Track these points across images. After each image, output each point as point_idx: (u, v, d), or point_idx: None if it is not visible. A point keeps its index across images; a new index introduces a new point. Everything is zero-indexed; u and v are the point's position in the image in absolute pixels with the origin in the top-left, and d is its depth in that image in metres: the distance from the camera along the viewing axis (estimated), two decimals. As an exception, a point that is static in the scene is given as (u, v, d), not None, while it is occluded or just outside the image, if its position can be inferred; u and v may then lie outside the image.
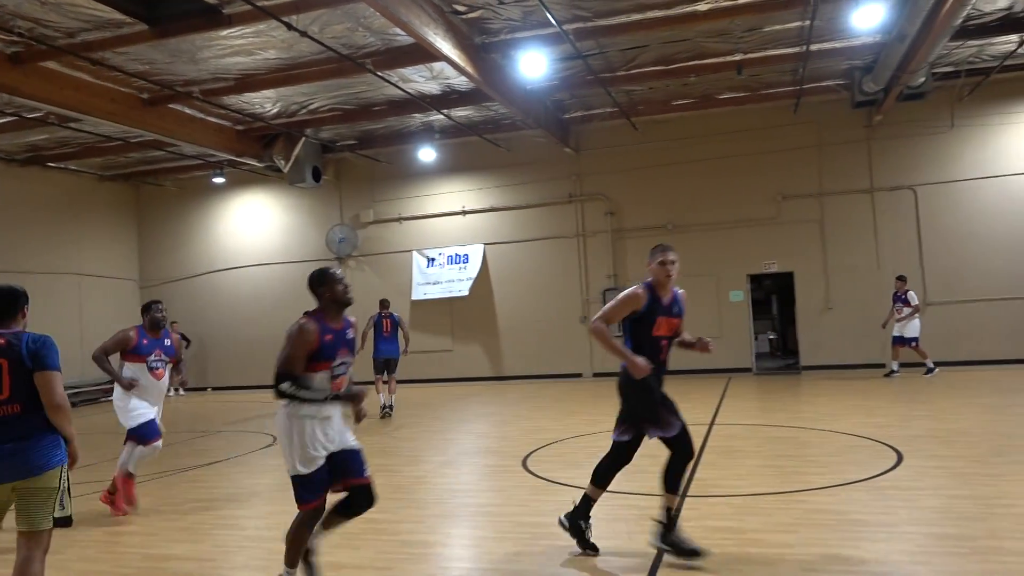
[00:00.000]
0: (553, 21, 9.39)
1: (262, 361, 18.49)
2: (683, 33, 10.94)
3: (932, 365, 12.90)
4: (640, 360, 4.42)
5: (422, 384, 16.78)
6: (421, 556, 4.91)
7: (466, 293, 16.73)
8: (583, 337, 16.03)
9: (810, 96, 14.16)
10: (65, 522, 3.99)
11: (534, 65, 11.09)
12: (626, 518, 5.38)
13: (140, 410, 6.24)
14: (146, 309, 6.36)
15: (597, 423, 9.77)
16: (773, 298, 19.13)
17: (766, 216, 15.21)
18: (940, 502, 5.33)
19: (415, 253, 17.43)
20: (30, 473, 3.49)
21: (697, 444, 7.90)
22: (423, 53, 9.94)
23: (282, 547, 4.06)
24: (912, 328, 12.94)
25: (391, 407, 11.75)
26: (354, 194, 18.00)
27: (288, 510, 4.21)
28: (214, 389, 18.69)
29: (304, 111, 13.88)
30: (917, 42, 10.29)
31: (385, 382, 11.86)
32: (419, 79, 12.35)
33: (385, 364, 11.85)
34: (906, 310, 12.92)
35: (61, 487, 3.59)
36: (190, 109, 13.11)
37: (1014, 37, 11.33)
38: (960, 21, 9.59)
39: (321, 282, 4.19)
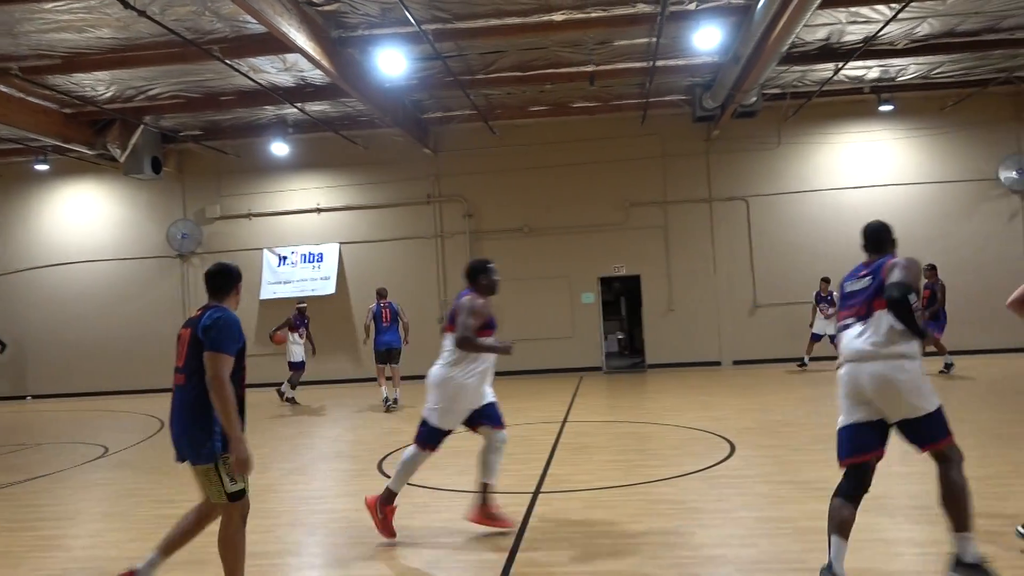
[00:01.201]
0: (412, 20, 9.33)
1: (92, 365, 17.30)
2: (540, 41, 11.24)
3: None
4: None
5: (273, 387, 16.09)
6: (270, 568, 4.71)
7: (322, 293, 16.27)
8: (439, 339, 16.04)
9: (656, 109, 14.99)
10: None
11: (392, 63, 10.97)
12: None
13: None
14: None
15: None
16: (622, 300, 20.04)
17: (615, 221, 15.92)
18: (767, 488, 5.80)
19: (266, 251, 16.70)
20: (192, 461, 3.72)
21: (550, 442, 8.17)
22: (276, 43, 9.55)
23: (113, 568, 3.74)
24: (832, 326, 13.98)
25: (395, 400, 11.38)
26: (199, 188, 16.98)
27: (130, 527, 3.89)
28: (34, 397, 16.97)
29: (143, 96, 12.90)
30: (750, 64, 11.17)
31: (388, 377, 11.65)
32: (271, 70, 11.86)
33: (387, 354, 11.56)
34: (831, 310, 13.85)
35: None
36: (7, 88, 11.80)
37: (830, 65, 12.57)
38: (786, 48, 10.52)
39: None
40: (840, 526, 3.62)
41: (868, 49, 11.71)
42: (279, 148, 15.62)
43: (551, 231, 16.07)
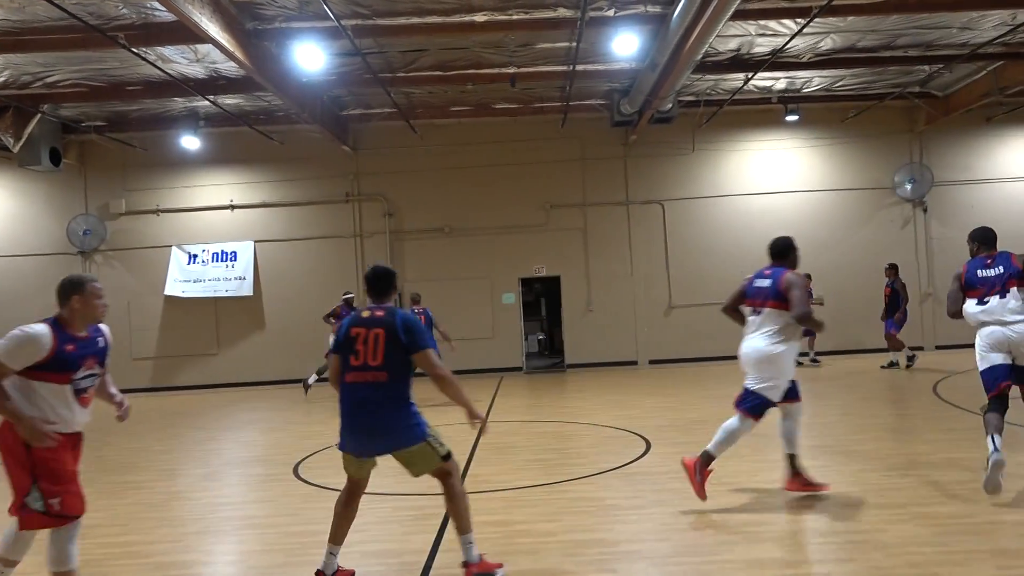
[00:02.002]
0: (331, 15, 9.15)
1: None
2: (461, 41, 11.22)
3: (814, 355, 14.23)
4: None
5: (180, 391, 15.48)
6: (177, 578, 4.53)
7: (237, 293, 15.78)
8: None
9: (576, 113, 15.21)
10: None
11: (311, 58, 10.73)
12: (400, 519, 5.39)
13: None
14: None
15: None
16: (542, 300, 20.24)
17: (536, 223, 16.07)
18: (680, 484, 5.95)
19: (174, 249, 16.03)
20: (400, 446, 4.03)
21: (470, 442, 8.17)
22: (186, 32, 9.16)
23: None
24: None
25: None
26: (102, 181, 16.14)
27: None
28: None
29: (40, 83, 12.15)
30: (666, 72, 11.49)
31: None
32: (182, 60, 11.39)
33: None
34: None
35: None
36: None
37: (741, 75, 13.07)
38: (700, 57, 10.87)
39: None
40: (997, 428, 5.16)
41: (776, 61, 12.24)
42: (190, 142, 14.98)
43: (472, 232, 16.08)
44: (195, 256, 16.02)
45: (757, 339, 5.26)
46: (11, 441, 3.54)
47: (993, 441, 5.05)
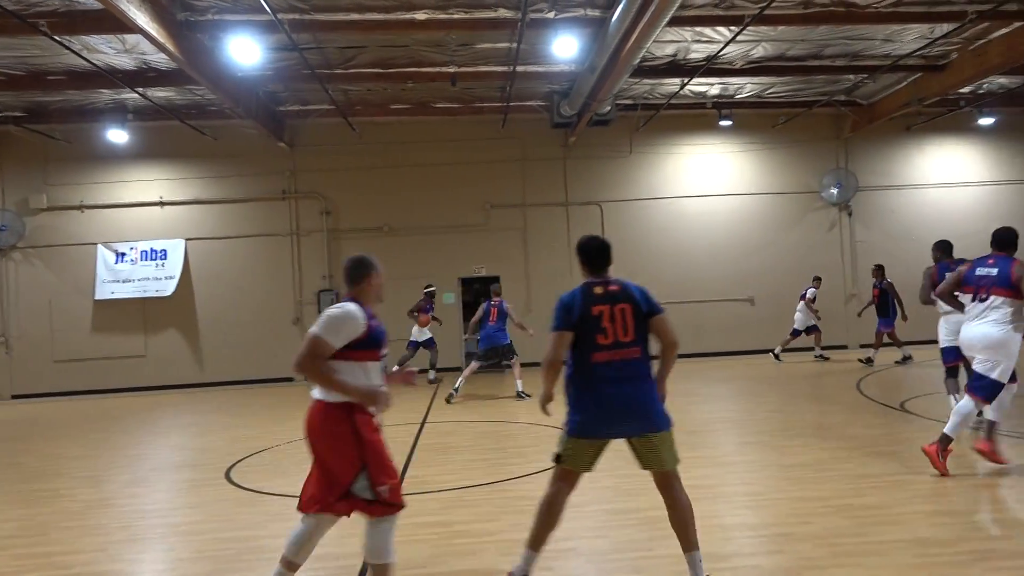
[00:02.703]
0: (267, 7, 8.95)
1: None
2: (401, 39, 11.13)
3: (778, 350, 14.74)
4: None
5: (106, 395, 14.89)
6: (102, 589, 4.36)
7: (168, 293, 15.24)
8: (296, 340, 15.52)
9: (516, 114, 15.27)
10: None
11: (246, 51, 10.46)
12: (338, 523, 5.30)
13: None
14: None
15: (309, 428, 9.52)
16: (482, 300, 20.22)
17: (476, 223, 16.07)
18: (615, 481, 6.06)
19: (100, 247, 15.40)
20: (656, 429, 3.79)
21: (409, 443, 8.12)
22: (113, 21, 8.81)
23: None
24: (802, 320, 14.66)
25: (521, 392, 11.37)
26: (21, 175, 15.40)
27: None
28: None
29: (-49, 71, 11.53)
30: (604, 75, 11.64)
31: (509, 366, 11.92)
32: (108, 50, 10.96)
33: (490, 352, 11.42)
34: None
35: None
36: None
37: (677, 80, 13.35)
38: (638, 61, 11.08)
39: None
40: (955, 389, 7.35)
41: (710, 67, 12.56)
42: (117, 135, 14.41)
43: (412, 231, 15.97)
44: (123, 255, 15.43)
45: (985, 325, 5.64)
46: (336, 428, 3.50)
47: (954, 397, 7.05)
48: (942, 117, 16.04)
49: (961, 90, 14.24)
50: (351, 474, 3.50)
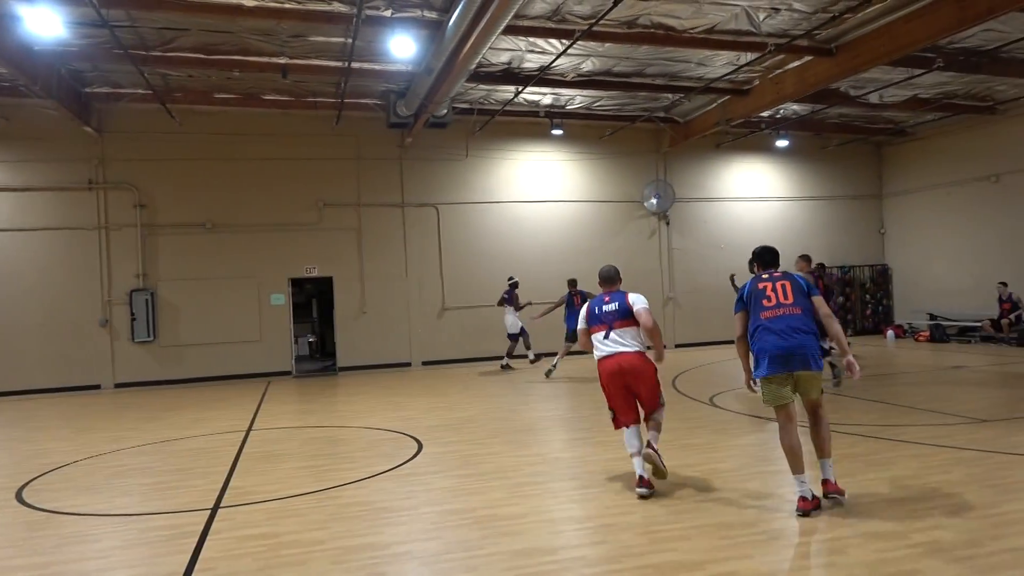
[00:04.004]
0: (72, -21, 8.13)
1: None
2: (227, 25, 10.54)
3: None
4: None
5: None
6: None
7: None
8: (104, 344, 14.23)
9: (351, 111, 14.95)
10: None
11: (44, 23, 9.44)
12: (150, 541, 4.93)
13: None
14: None
15: (121, 439, 8.77)
16: (314, 302, 19.61)
17: (308, 222, 15.54)
18: (450, 482, 6.12)
19: None
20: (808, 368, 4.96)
21: (234, 451, 7.69)
22: None
23: None
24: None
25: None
26: None
27: None
28: None
29: None
30: (441, 78, 11.71)
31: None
32: None
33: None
34: None
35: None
36: None
37: (511, 88, 13.71)
38: (474, 66, 11.25)
39: None
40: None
41: (543, 77, 13.01)
42: None
43: (238, 228, 15.14)
44: None
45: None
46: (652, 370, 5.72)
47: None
48: (746, 137, 17.69)
49: (762, 114, 15.80)
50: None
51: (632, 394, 5.63)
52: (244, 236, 15.15)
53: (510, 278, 14.89)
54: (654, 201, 17.78)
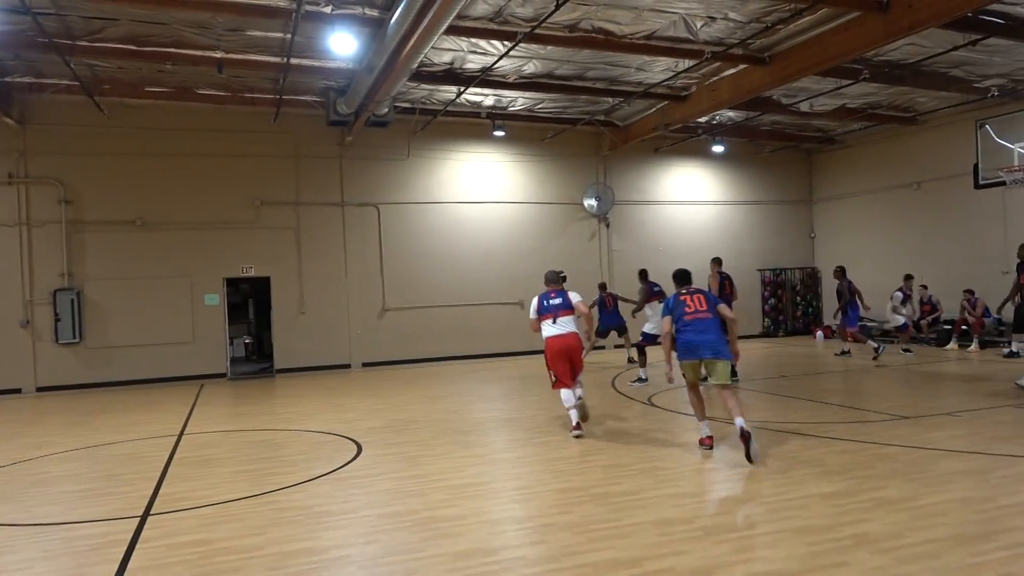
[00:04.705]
0: (-9, -37, 7.75)
1: None
2: (160, 16, 10.19)
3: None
4: None
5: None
6: None
7: None
8: (25, 345, 13.60)
9: (290, 108, 14.67)
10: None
11: (-39, 10, 8.96)
12: (73, 552, 4.73)
13: None
14: None
15: (43, 445, 8.40)
16: (250, 302, 19.16)
17: (245, 220, 15.17)
18: (391, 484, 6.06)
19: None
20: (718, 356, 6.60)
21: (165, 456, 7.46)
22: None
23: None
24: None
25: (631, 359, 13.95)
26: None
27: None
28: None
29: None
30: (382, 76, 11.59)
31: (619, 346, 14.87)
32: None
33: (607, 332, 14.00)
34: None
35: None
36: None
37: (454, 88, 13.67)
38: (416, 66, 11.17)
39: None
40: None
41: (485, 79, 13.02)
42: None
43: (171, 226, 14.67)
44: None
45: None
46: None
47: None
48: (684, 142, 18.08)
49: (699, 119, 16.17)
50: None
51: (570, 363, 7.71)
52: (177, 234, 14.70)
53: (601, 282, 15.08)
54: (594, 203, 18.00)
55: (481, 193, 17.07)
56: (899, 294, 15.22)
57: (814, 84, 13.78)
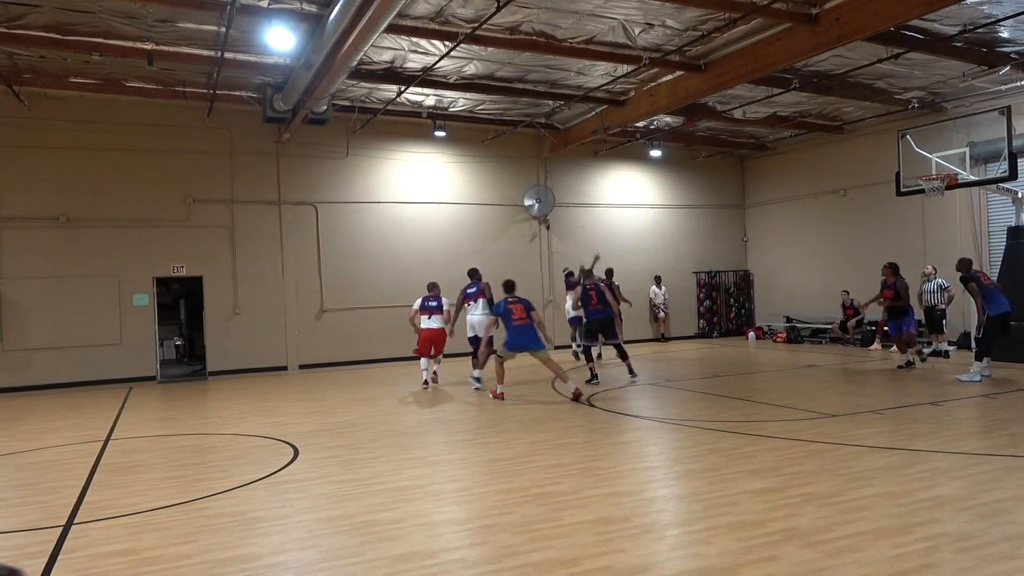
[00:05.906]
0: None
1: None
2: (85, 4, 9.79)
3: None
4: None
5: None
6: None
7: None
8: (-67, 348, 12.83)
9: (224, 103, 14.28)
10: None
11: None
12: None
13: None
14: None
15: (-49, 454, 7.94)
16: (181, 302, 18.57)
17: (176, 218, 14.70)
18: (328, 488, 5.97)
19: None
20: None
21: (90, 463, 7.16)
22: None
23: None
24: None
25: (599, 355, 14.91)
26: None
27: None
28: None
29: None
30: (321, 73, 11.40)
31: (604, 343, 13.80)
32: None
33: (600, 328, 12.35)
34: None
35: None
36: None
37: (394, 87, 13.55)
38: (355, 63, 11.04)
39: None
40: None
41: (426, 78, 12.95)
42: None
43: (97, 223, 14.09)
44: None
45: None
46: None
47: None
48: (622, 146, 18.36)
49: (637, 124, 16.45)
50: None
51: (432, 347, 11.78)
52: (104, 232, 14.13)
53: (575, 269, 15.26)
54: (535, 205, 18.11)
55: (422, 193, 16.97)
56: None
57: (747, 92, 14.19)
